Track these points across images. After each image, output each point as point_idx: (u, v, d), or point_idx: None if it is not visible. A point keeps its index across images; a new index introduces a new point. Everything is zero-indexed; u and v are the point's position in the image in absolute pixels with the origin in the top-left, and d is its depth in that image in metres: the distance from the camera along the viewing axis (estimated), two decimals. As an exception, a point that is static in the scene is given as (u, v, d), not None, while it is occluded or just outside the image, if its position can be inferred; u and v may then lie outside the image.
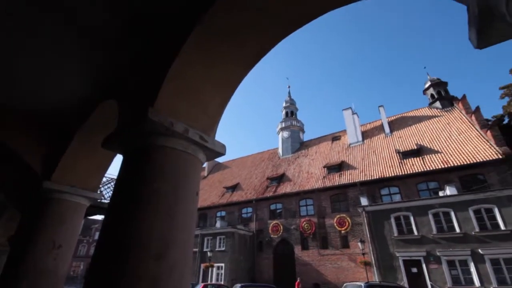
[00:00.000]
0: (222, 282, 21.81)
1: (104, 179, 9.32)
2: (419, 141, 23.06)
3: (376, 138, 27.24)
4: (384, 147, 25.14)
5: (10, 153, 4.31)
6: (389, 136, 26.44)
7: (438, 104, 27.22)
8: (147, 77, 2.53)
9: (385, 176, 21.18)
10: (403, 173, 20.46)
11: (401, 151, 22.55)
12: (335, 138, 31.58)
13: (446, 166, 18.85)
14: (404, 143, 24.00)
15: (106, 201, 8.40)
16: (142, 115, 2.13)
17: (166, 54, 2.33)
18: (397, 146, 23.96)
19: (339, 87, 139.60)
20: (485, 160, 17.45)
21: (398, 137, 25.55)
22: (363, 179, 22.12)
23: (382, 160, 23.38)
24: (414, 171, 20.07)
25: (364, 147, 26.83)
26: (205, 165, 41.03)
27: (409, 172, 20.23)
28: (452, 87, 78.15)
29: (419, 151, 21.72)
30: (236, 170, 37.51)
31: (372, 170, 22.72)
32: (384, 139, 26.39)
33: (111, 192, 2.76)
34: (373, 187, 21.56)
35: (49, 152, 4.41)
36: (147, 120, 2.11)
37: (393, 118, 29.49)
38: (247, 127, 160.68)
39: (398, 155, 22.63)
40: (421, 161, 20.73)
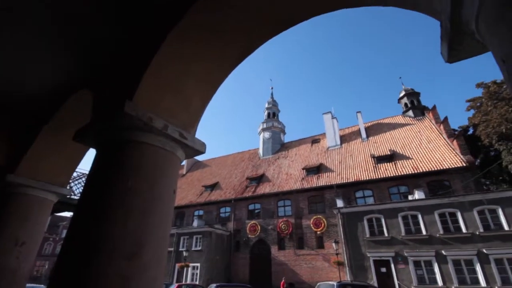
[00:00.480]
0: (197, 282, 21.51)
1: (75, 174, 8.85)
2: (393, 147, 24.21)
3: (353, 143, 28.23)
4: (360, 152, 26.12)
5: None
6: (365, 141, 27.50)
7: (411, 113, 28.76)
8: (126, 68, 2.43)
9: (360, 180, 22.03)
10: (377, 177, 21.40)
11: (376, 156, 23.55)
12: (315, 141, 32.30)
13: (416, 172, 19.97)
14: (379, 149, 25.08)
15: (76, 198, 7.98)
16: (119, 109, 2.04)
17: (148, 46, 2.26)
18: (372, 151, 24.98)
19: (320, 91, 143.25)
20: (451, 168, 18.72)
21: (374, 143, 26.66)
22: (340, 182, 22.83)
23: (358, 164, 24.27)
24: (387, 176, 21.06)
25: (342, 151, 27.71)
26: (184, 163, 40.22)
27: (382, 176, 21.20)
28: (424, 98, 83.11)
29: (392, 157, 22.80)
30: (216, 169, 37.16)
31: (349, 173, 23.52)
32: (361, 144, 27.42)
33: (82, 188, 2.62)
34: (349, 190, 22.32)
35: (15, 144, 4.10)
36: (124, 114, 2.03)
37: (370, 124, 30.72)
38: (228, 126, 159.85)
39: (373, 160, 23.61)
40: (394, 166, 21.79)
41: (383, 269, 16.61)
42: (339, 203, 20.60)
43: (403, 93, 30.75)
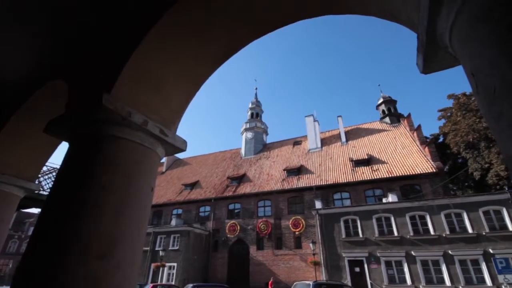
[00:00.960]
0: (173, 283, 21.06)
1: (45, 168, 8.36)
2: (370, 152, 25.14)
3: (333, 146, 28.99)
4: (340, 155, 26.88)
5: None
6: (345, 145, 28.35)
7: (388, 120, 30.06)
8: (105, 60, 2.33)
9: (339, 182, 22.67)
10: (354, 180, 22.13)
11: (354, 160, 24.34)
12: (296, 143, 32.79)
13: (390, 176, 20.89)
14: (357, 153, 25.94)
15: (45, 193, 7.54)
16: (96, 101, 1.95)
17: (130, 38, 2.18)
18: (351, 155, 25.80)
19: (303, 94, 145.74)
20: (422, 173, 19.78)
21: (352, 147, 27.53)
22: (319, 184, 23.35)
23: (337, 167, 24.96)
24: (364, 179, 21.85)
25: (322, 153, 28.36)
26: (164, 160, 39.26)
27: (359, 180, 21.96)
28: (401, 105, 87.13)
29: (369, 161, 23.68)
30: (197, 168, 36.63)
31: (328, 176, 24.12)
32: (340, 147, 28.22)
33: (52, 183, 2.47)
34: (327, 192, 22.89)
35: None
36: (101, 107, 1.94)
37: (349, 129, 31.70)
38: (211, 125, 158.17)
39: (351, 163, 24.38)
40: (370, 170, 22.64)
41: (357, 269, 17.20)
42: (318, 205, 21.06)
43: (381, 100, 32.05)
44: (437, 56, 1.47)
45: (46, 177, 8.15)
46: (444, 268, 15.05)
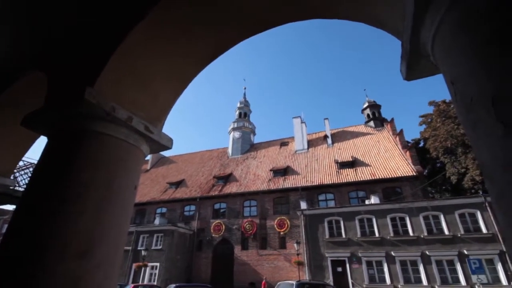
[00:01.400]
0: (155, 283, 20.65)
1: (21, 163, 7.96)
2: (354, 154, 25.73)
3: (320, 148, 29.44)
4: (325, 157, 27.33)
5: None
6: (331, 147, 28.86)
7: (372, 124, 30.89)
8: (89, 53, 2.24)
9: (324, 183, 23.06)
10: (339, 182, 22.59)
11: (339, 162, 24.83)
12: (284, 144, 33.04)
13: (373, 178, 21.49)
14: (342, 155, 26.48)
15: (21, 189, 7.19)
16: (78, 95, 1.88)
17: (116, 30, 2.11)
18: (336, 157, 26.29)
19: (292, 95, 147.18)
20: (403, 176, 20.48)
21: (338, 149, 28.07)
22: (305, 185, 23.64)
23: (323, 168, 25.37)
24: (348, 181, 22.34)
25: (308, 155, 28.73)
26: (149, 158, 38.43)
27: (344, 181, 22.44)
28: (385, 110, 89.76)
29: (353, 163, 24.24)
30: (183, 166, 36.11)
31: (313, 177, 24.46)
32: (326, 149, 28.70)
33: (29, 179, 2.36)
34: (313, 193, 23.22)
35: None
36: (84, 101, 1.87)
37: (335, 131, 32.30)
38: (198, 123, 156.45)
39: (336, 165, 24.85)
40: (354, 172, 23.17)
41: (339, 269, 17.54)
42: (303, 205, 21.31)
43: (367, 105, 32.88)
44: (419, 64, 1.53)
45: (22, 173, 7.77)
46: (422, 268, 15.64)
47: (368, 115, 32.18)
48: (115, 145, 2.08)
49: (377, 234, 17.46)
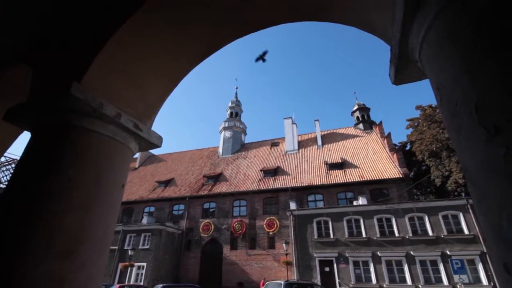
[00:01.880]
0: (142, 283, 20.31)
1: (3, 159, 7.68)
2: (343, 156, 26.12)
3: (310, 149, 29.72)
4: (315, 158, 27.61)
5: None
6: (320, 148, 29.18)
7: (361, 126, 31.45)
8: (76, 46, 2.18)
9: (313, 184, 23.30)
10: (328, 183, 22.87)
11: (328, 163, 25.15)
12: (274, 144, 33.16)
13: (361, 180, 21.87)
14: (332, 156, 26.82)
15: (2, 186, 6.93)
16: (64, 90, 1.83)
17: (105, 25, 2.06)
18: (326, 158, 26.61)
19: (284, 95, 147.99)
20: (390, 178, 20.96)
21: (328, 150, 28.42)
22: (294, 185, 23.81)
23: (312, 169, 25.62)
24: (337, 182, 22.66)
25: (299, 156, 28.95)
26: (138, 156, 37.76)
27: (333, 182, 22.74)
28: (374, 113, 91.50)
29: (342, 165, 24.60)
30: (172, 165, 35.67)
31: (303, 178, 24.67)
32: (316, 151, 29.01)
33: (10, 176, 2.26)
34: (302, 193, 23.41)
35: None
36: (70, 97, 1.82)
37: (325, 133, 32.68)
38: (188, 122, 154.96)
39: (326, 166, 25.16)
40: (343, 173, 23.52)
41: (327, 269, 17.76)
42: (292, 206, 21.46)
43: (356, 107, 33.44)
44: (407, 69, 1.57)
45: (4, 169, 7.50)
46: (406, 268, 16.03)
47: (358, 118, 32.73)
48: (103, 142, 2.03)
49: (364, 235, 17.78)
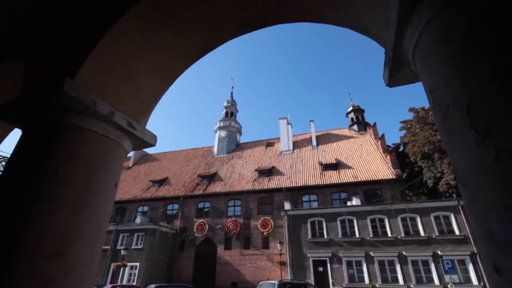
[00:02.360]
0: (135, 283, 20.11)
1: (-8, 157, 7.52)
2: (338, 157, 26.30)
3: (305, 149, 29.84)
4: (310, 158, 27.74)
5: None
6: (315, 149, 29.34)
7: (356, 127, 31.74)
8: (70, 42, 2.15)
9: (308, 185, 23.41)
10: (323, 183, 23.01)
11: (323, 164, 25.29)
12: (269, 144, 33.21)
13: (355, 181, 22.06)
14: (326, 157, 26.99)
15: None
16: (57, 87, 1.80)
17: (101, 19, 2.04)
18: (320, 159, 26.76)
19: (279, 96, 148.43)
20: (383, 179, 21.20)
21: (322, 151, 28.59)
22: (289, 185, 23.88)
23: (307, 170, 25.74)
24: (331, 182, 22.80)
25: (294, 156, 29.05)
26: (131, 155, 37.39)
27: (327, 183, 22.88)
28: (368, 114, 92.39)
29: (337, 165, 24.77)
30: (166, 164, 35.42)
31: (298, 178, 24.76)
32: (311, 151, 29.15)
33: (0, 174, 2.22)
34: (297, 194, 23.50)
35: None
36: (63, 94, 1.79)
37: (320, 133, 32.88)
38: (183, 121, 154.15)
39: (320, 167, 25.30)
40: (337, 174, 23.69)
41: (320, 269, 17.86)
42: (287, 206, 21.52)
43: (351, 109, 33.73)
44: (401, 72, 1.59)
45: (-7, 167, 7.33)
46: (398, 268, 16.22)
47: (352, 119, 33.01)
48: (95, 141, 2.01)
49: (358, 235, 17.93)
